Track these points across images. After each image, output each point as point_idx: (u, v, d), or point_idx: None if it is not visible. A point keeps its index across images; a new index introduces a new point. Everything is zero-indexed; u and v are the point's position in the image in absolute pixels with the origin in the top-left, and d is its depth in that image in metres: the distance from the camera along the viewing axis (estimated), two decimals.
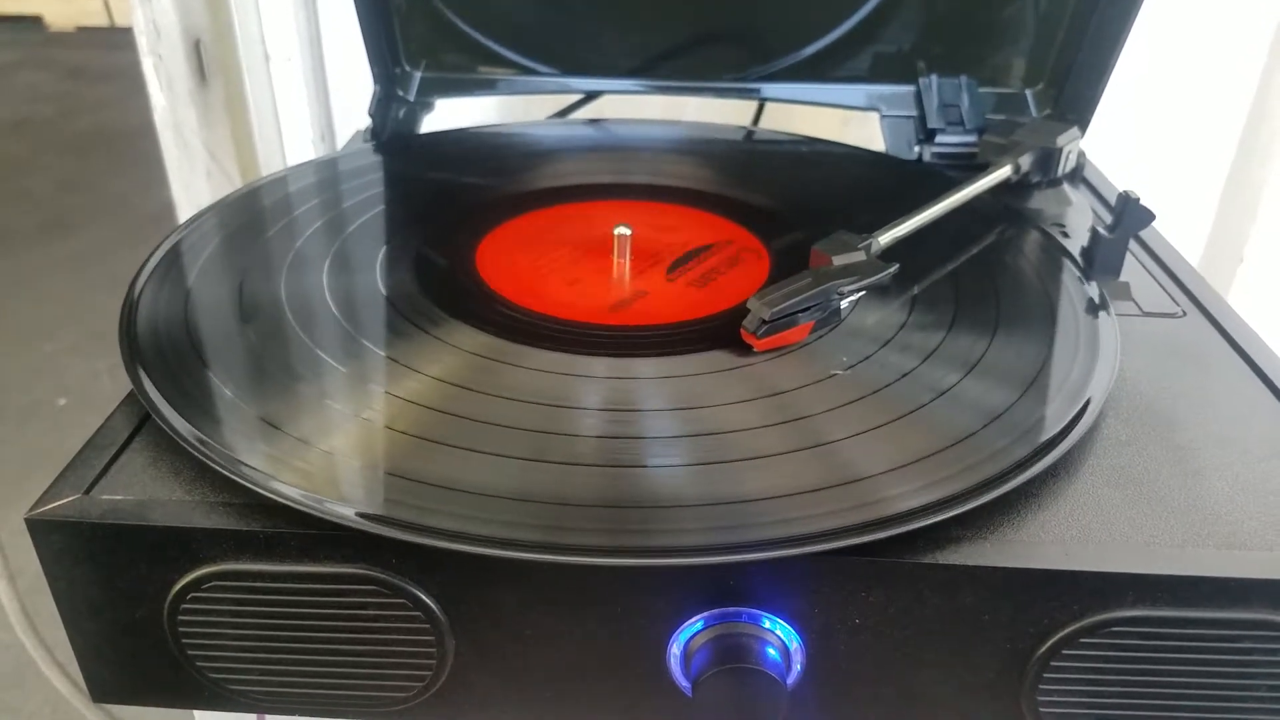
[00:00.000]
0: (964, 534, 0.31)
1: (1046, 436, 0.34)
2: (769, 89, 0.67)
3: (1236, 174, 0.83)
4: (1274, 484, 0.34)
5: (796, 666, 0.32)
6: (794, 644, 0.32)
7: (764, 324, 0.39)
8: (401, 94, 0.66)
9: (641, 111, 0.73)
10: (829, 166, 0.63)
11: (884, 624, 0.31)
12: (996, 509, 0.32)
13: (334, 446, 0.34)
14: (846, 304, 0.42)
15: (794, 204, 0.55)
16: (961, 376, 0.38)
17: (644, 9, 0.65)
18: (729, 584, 0.31)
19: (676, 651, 0.32)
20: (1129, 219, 0.47)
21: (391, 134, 0.65)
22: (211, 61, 0.83)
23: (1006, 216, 0.53)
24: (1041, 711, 0.32)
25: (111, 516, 0.31)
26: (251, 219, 0.51)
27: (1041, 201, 0.56)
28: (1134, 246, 0.51)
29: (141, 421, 0.36)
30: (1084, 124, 0.61)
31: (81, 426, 0.53)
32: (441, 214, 0.53)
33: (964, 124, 0.63)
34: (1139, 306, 0.46)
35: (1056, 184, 0.57)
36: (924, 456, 0.33)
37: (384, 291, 0.44)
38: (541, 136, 0.67)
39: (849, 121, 0.77)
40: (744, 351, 0.40)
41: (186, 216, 0.57)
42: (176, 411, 0.34)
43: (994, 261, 0.48)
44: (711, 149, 0.65)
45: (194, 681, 0.34)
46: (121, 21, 3.35)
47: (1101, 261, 0.48)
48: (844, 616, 0.31)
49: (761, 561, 0.30)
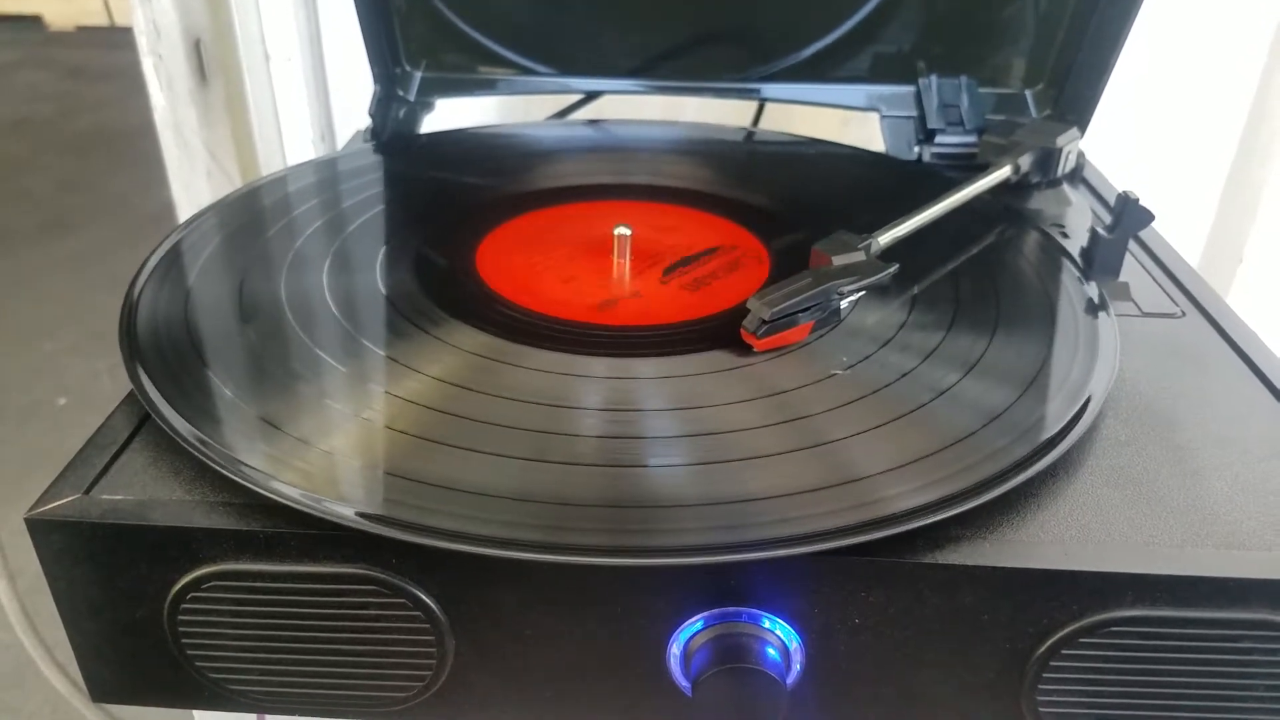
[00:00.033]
0: (964, 534, 0.31)
1: (1046, 436, 0.34)
2: (769, 89, 0.67)
3: (1236, 174, 0.83)
4: (1273, 484, 0.34)
5: (796, 666, 0.32)
6: (794, 644, 0.32)
7: (764, 324, 0.39)
8: (401, 94, 0.66)
9: (641, 112, 0.73)
10: (829, 167, 0.63)
11: (884, 624, 0.31)
12: (996, 509, 0.32)
13: (334, 446, 0.34)
14: (846, 304, 0.42)
15: (794, 204, 0.55)
16: (961, 376, 0.38)
17: (644, 9, 0.65)
18: (729, 584, 0.31)
19: (676, 651, 0.32)
20: (1128, 219, 0.47)
21: (391, 134, 0.65)
22: (211, 61, 0.82)
23: (1006, 217, 0.53)
24: (1041, 711, 0.32)
25: (111, 516, 0.31)
26: (251, 219, 0.51)
27: (1041, 202, 0.56)
28: (1133, 247, 0.51)
29: (141, 421, 0.36)
30: (1084, 124, 0.61)
31: (81, 426, 0.53)
32: (441, 214, 0.53)
33: (964, 124, 0.63)
34: (1138, 307, 0.46)
35: (1056, 184, 0.57)
36: (924, 456, 0.33)
37: (384, 291, 0.44)
38: (542, 137, 0.67)
39: (849, 122, 0.77)
40: (744, 351, 0.40)
41: (186, 216, 0.57)
42: (176, 411, 0.34)
43: (994, 262, 0.48)
44: (712, 149, 0.65)
45: (194, 681, 0.34)
46: (121, 21, 3.35)
47: (1101, 262, 0.48)
48: (844, 616, 0.31)
49: (761, 561, 0.30)
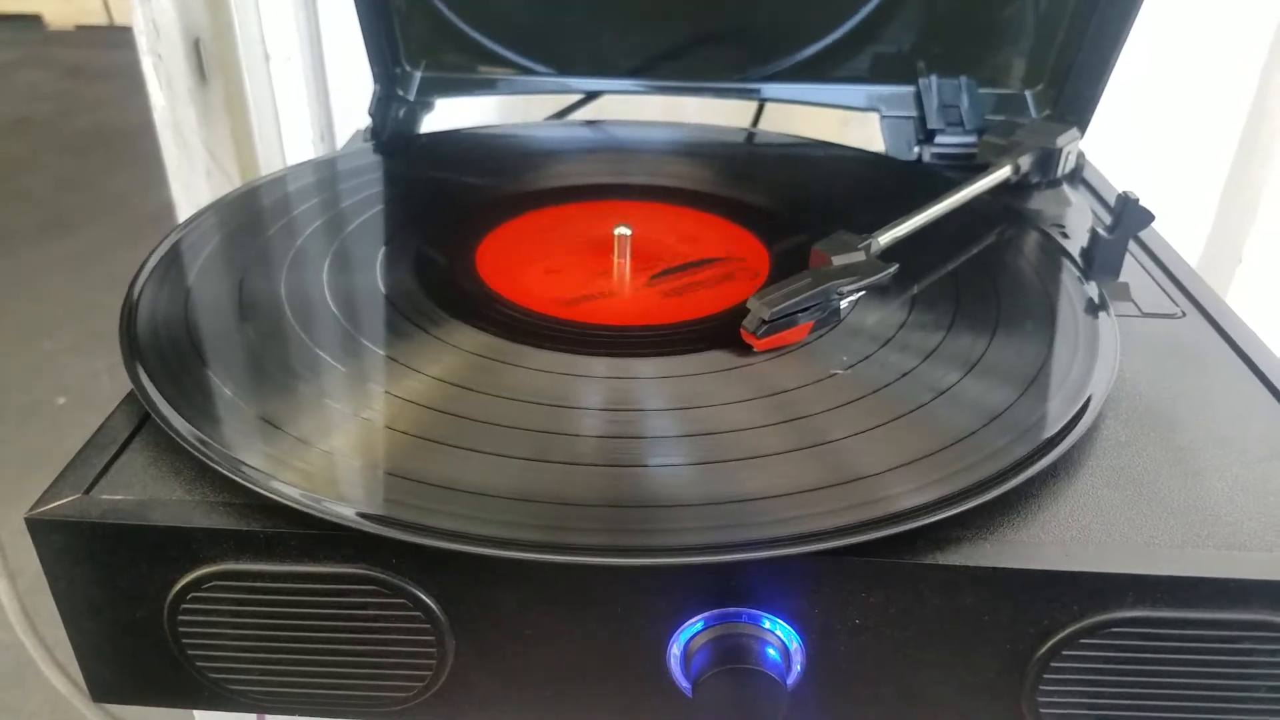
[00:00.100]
0: (964, 534, 0.31)
1: (1046, 436, 0.34)
2: (769, 89, 0.67)
3: (1236, 174, 0.83)
4: (1273, 484, 0.34)
5: (796, 667, 0.32)
6: (794, 644, 0.32)
7: (764, 324, 0.39)
8: (401, 94, 0.66)
9: (641, 112, 0.73)
10: (829, 167, 0.63)
11: (884, 624, 0.31)
12: (996, 509, 0.32)
13: (334, 446, 0.34)
14: (846, 304, 0.42)
15: (794, 204, 0.55)
16: (961, 376, 0.38)
17: (644, 9, 0.65)
18: (729, 584, 0.31)
19: (676, 652, 0.32)
20: (1128, 220, 0.47)
21: (391, 134, 0.65)
22: (211, 61, 0.82)
23: (1006, 217, 0.53)
24: (1042, 712, 0.32)
25: (111, 516, 0.31)
26: (251, 218, 0.51)
27: (1041, 202, 0.56)
28: (1133, 247, 0.51)
29: (141, 421, 0.36)
30: (1083, 125, 0.61)
31: (81, 426, 0.53)
32: (441, 214, 0.53)
33: (964, 124, 0.63)
34: (1138, 307, 0.46)
35: (1056, 185, 0.57)
36: (924, 456, 0.33)
37: (384, 291, 0.44)
38: (542, 137, 0.67)
39: (849, 122, 0.77)
40: (744, 351, 0.40)
41: (186, 216, 0.57)
42: (176, 411, 0.34)
43: (994, 262, 0.48)
44: (712, 150, 0.65)
45: (194, 681, 0.34)
46: (121, 20, 3.35)
47: (1101, 262, 0.48)
48: (844, 617, 0.31)
49: (762, 561, 0.30)
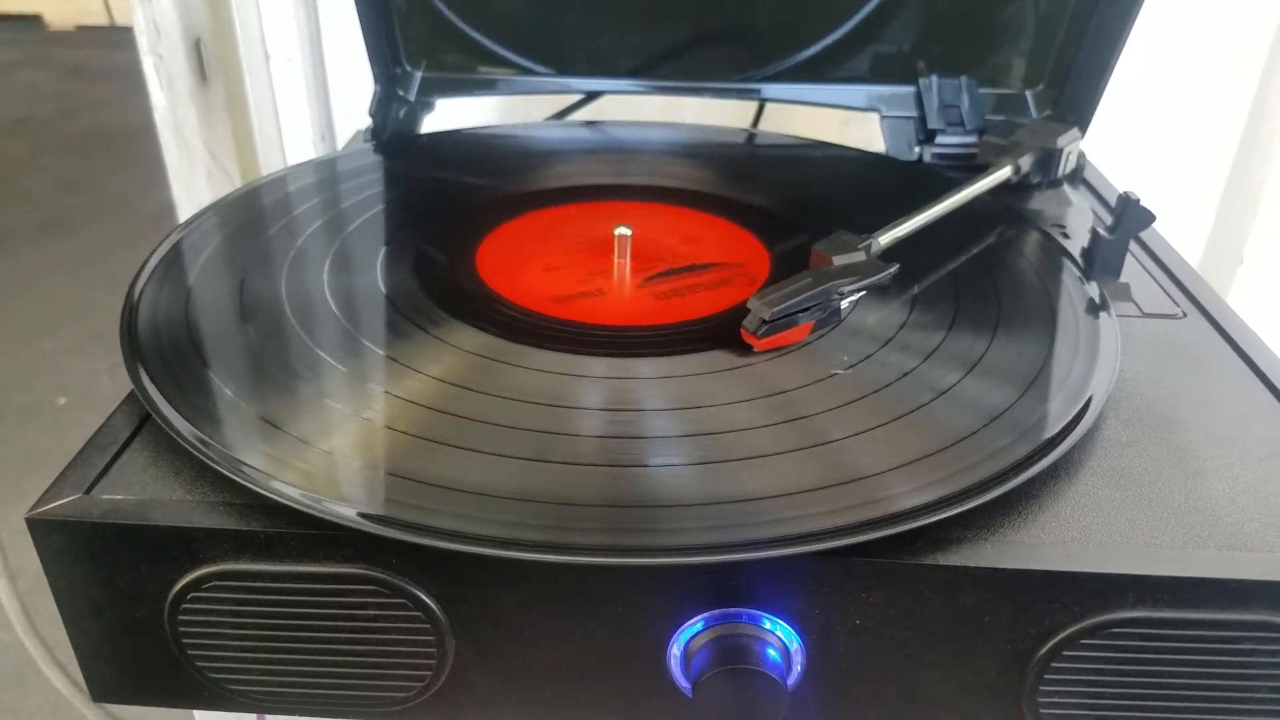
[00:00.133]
0: (964, 534, 0.31)
1: (1047, 436, 0.34)
2: (769, 89, 0.67)
3: (1236, 174, 0.83)
4: (1274, 485, 0.34)
5: (796, 667, 0.32)
6: (794, 644, 0.32)
7: (764, 324, 0.39)
8: (402, 94, 0.66)
9: (641, 112, 0.73)
10: (830, 168, 0.63)
11: (884, 625, 0.31)
12: (997, 509, 0.32)
13: (334, 446, 0.34)
14: (847, 304, 0.42)
15: (794, 205, 0.55)
16: (962, 376, 0.38)
17: (644, 9, 0.65)
18: (729, 584, 0.31)
19: (677, 652, 0.32)
20: (1129, 220, 0.47)
21: (392, 134, 0.65)
22: (212, 61, 0.82)
23: (1007, 217, 0.53)
24: (1042, 713, 0.32)
25: (112, 516, 0.31)
26: (252, 219, 0.51)
27: (1042, 202, 0.56)
28: (1134, 247, 0.51)
29: (142, 421, 0.36)
30: (1084, 125, 0.61)
31: (81, 426, 0.53)
32: (441, 214, 0.53)
33: (964, 125, 0.63)
34: (1139, 307, 0.46)
35: (1057, 185, 0.57)
36: (924, 456, 0.33)
37: (384, 291, 0.44)
38: (542, 137, 0.67)
39: (849, 122, 0.77)
40: (744, 351, 0.40)
41: (187, 216, 0.57)
42: (177, 411, 0.34)
43: (994, 262, 0.48)
44: (712, 151, 0.65)
45: (194, 681, 0.34)
46: (121, 20, 3.35)
47: (1102, 262, 0.48)
48: (844, 617, 0.31)
49: (762, 561, 0.30)
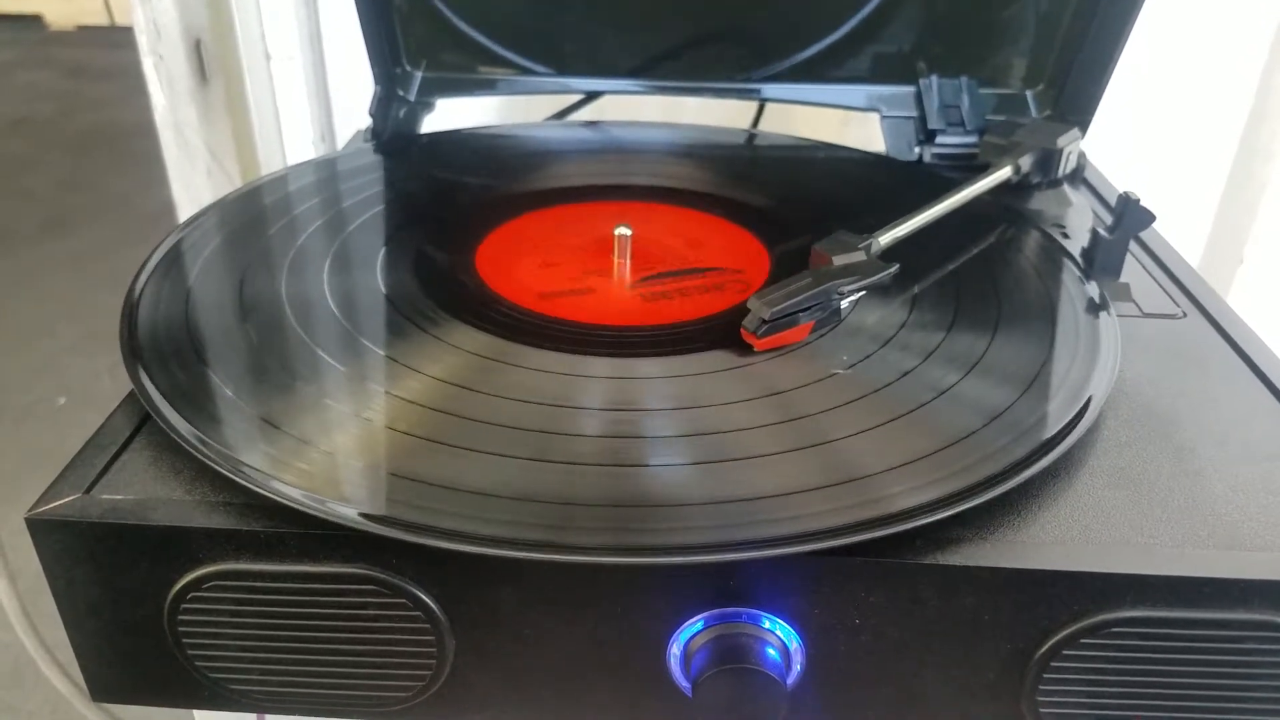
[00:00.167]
0: (964, 534, 0.31)
1: (1047, 436, 0.34)
2: (769, 89, 0.67)
3: (1236, 174, 0.83)
4: (1274, 484, 0.34)
5: (796, 667, 0.32)
6: (794, 644, 0.32)
7: (764, 324, 0.39)
8: (402, 94, 0.66)
9: (641, 112, 0.73)
10: (830, 168, 0.63)
11: (884, 624, 0.31)
12: (997, 509, 0.32)
13: (334, 446, 0.34)
14: (847, 304, 0.42)
15: (795, 205, 0.55)
16: (962, 376, 0.38)
17: (644, 9, 0.65)
18: (729, 584, 0.31)
19: (676, 651, 0.32)
20: (1129, 220, 0.47)
21: (392, 134, 0.65)
22: (212, 61, 0.82)
23: (1007, 217, 0.53)
24: (1042, 712, 0.32)
25: (112, 516, 0.31)
26: (252, 218, 0.51)
27: (1042, 202, 0.56)
28: (1134, 247, 0.51)
29: (142, 421, 0.36)
30: (1084, 125, 0.61)
31: (81, 426, 0.53)
32: (441, 214, 0.53)
33: (964, 125, 0.63)
34: (1139, 307, 0.46)
35: (1057, 185, 0.57)
36: (924, 455, 0.33)
37: (384, 291, 0.44)
38: (542, 138, 0.67)
39: (849, 122, 0.77)
40: (744, 351, 0.40)
41: (187, 215, 0.57)
42: (176, 411, 0.34)
43: (994, 262, 0.48)
44: (712, 151, 0.65)
45: (194, 681, 0.34)
46: (122, 20, 3.35)
47: (1102, 262, 0.48)
48: (844, 616, 0.31)
49: (762, 561, 0.30)
